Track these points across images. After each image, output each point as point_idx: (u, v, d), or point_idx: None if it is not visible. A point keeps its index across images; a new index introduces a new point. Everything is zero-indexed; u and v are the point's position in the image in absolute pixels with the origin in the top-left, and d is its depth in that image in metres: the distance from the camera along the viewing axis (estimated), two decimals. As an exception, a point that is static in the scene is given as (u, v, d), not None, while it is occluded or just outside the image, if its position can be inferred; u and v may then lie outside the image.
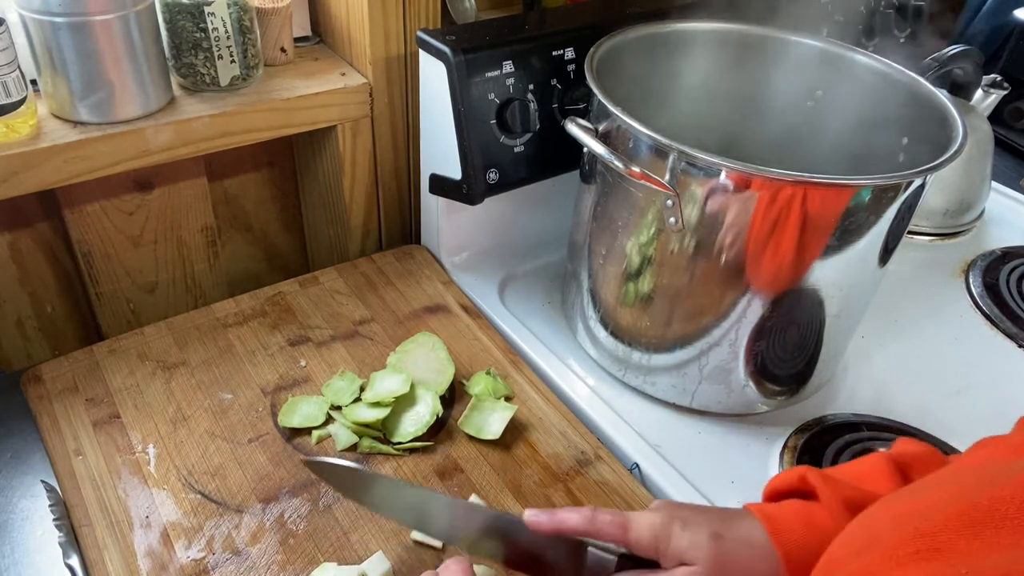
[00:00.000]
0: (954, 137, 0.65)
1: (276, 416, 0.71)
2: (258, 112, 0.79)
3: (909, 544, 0.32)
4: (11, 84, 0.66)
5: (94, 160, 0.72)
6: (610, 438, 0.72)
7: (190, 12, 0.74)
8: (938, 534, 0.31)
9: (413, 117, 0.90)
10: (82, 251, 0.84)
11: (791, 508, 0.51)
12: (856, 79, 0.77)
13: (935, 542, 0.31)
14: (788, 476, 0.53)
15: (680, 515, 0.50)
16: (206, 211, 0.92)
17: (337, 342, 0.80)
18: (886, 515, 0.37)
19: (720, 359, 0.71)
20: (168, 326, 0.79)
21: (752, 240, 0.63)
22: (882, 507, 0.38)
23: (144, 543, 0.60)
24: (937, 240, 1.04)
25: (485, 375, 0.76)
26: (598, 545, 0.52)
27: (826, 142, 0.80)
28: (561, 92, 0.81)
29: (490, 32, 0.78)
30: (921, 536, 0.32)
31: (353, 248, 0.97)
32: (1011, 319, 0.90)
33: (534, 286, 0.91)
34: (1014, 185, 1.18)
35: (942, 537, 0.31)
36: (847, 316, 0.73)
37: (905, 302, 0.92)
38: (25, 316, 0.87)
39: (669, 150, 0.62)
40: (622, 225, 0.70)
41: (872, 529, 0.37)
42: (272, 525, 0.62)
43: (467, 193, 0.80)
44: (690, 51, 0.81)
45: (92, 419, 0.69)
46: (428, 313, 0.84)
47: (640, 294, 0.71)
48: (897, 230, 0.67)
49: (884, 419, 0.75)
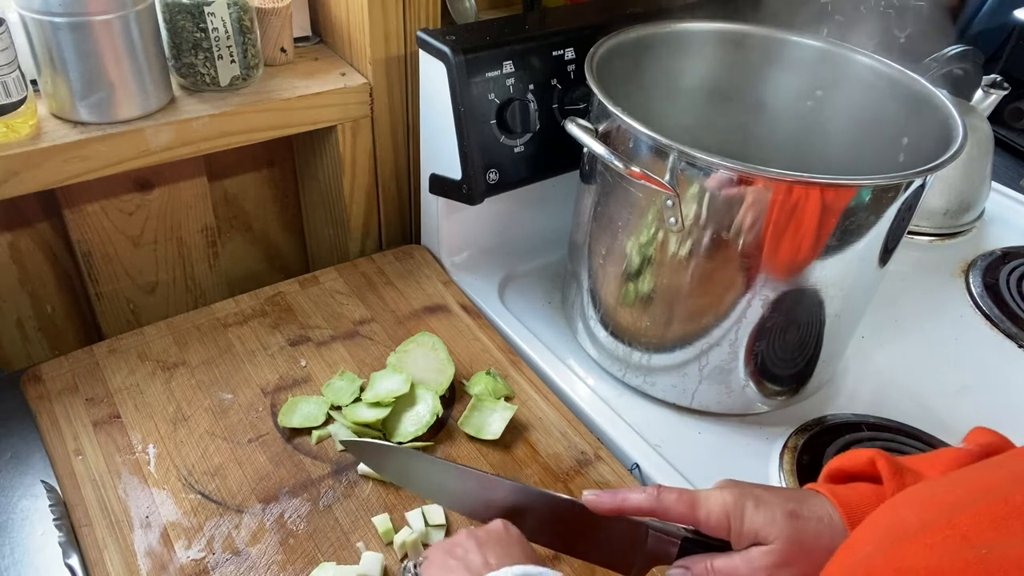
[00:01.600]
0: (954, 137, 0.65)
1: (276, 416, 0.71)
2: (258, 112, 0.79)
3: (938, 534, 0.32)
4: (11, 84, 0.66)
5: (94, 160, 0.72)
6: (610, 438, 0.72)
7: (190, 12, 0.74)
8: (968, 526, 0.31)
9: (413, 117, 0.90)
10: (82, 251, 0.84)
11: (863, 491, 0.49)
12: (856, 79, 0.77)
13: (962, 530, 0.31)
14: (855, 457, 0.51)
15: (752, 493, 0.48)
16: (206, 211, 0.92)
17: (337, 342, 0.79)
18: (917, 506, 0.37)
19: (720, 359, 0.71)
20: (168, 326, 0.79)
21: (752, 240, 0.63)
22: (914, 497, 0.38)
23: (144, 543, 0.60)
24: (937, 240, 1.04)
25: (485, 375, 0.76)
26: (658, 527, 0.50)
27: (826, 142, 0.80)
28: (561, 92, 0.81)
29: (490, 32, 0.78)
30: (953, 526, 0.32)
31: (353, 248, 0.97)
32: (1011, 319, 0.90)
33: (534, 286, 0.91)
34: (1014, 185, 1.18)
35: (971, 529, 0.31)
36: (847, 316, 0.73)
37: (905, 302, 0.92)
38: (25, 316, 0.87)
39: (669, 150, 0.61)
40: (622, 225, 0.70)
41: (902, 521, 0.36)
42: (272, 525, 0.62)
43: (467, 193, 0.80)
44: (690, 51, 0.81)
45: (92, 419, 0.69)
46: (428, 313, 0.84)
47: (640, 294, 0.71)
48: (897, 230, 0.67)
49: (884, 419, 0.75)
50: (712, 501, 0.48)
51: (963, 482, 0.37)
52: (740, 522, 0.47)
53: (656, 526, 0.50)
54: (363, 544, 0.61)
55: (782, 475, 0.69)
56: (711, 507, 0.48)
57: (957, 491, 0.36)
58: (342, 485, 0.66)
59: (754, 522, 0.47)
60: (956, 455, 0.48)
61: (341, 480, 0.66)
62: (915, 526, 0.34)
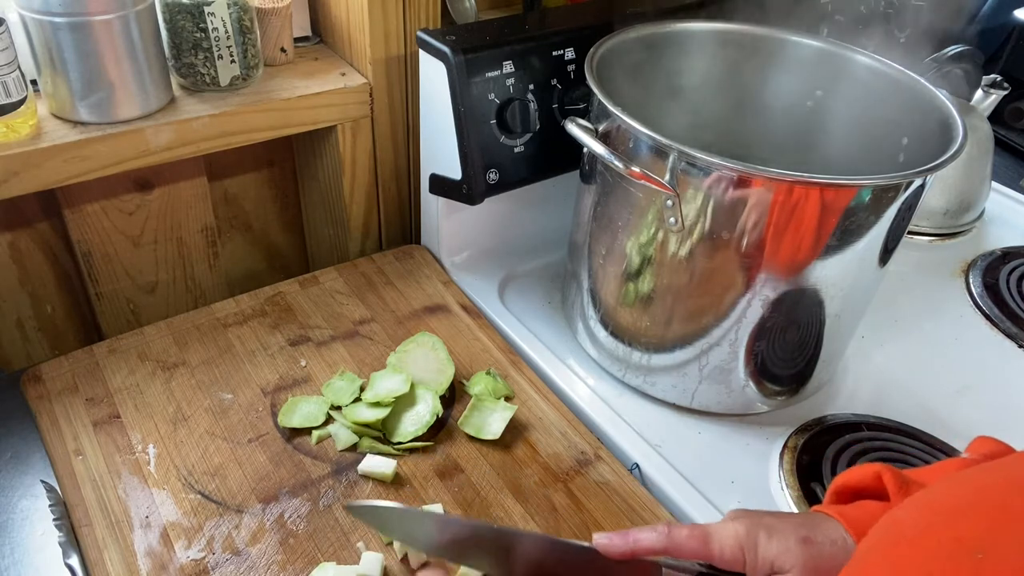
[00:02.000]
0: (954, 137, 0.65)
1: (276, 416, 0.71)
2: (258, 112, 0.79)
3: (934, 538, 0.32)
4: (11, 84, 0.66)
5: (94, 160, 0.72)
6: (610, 438, 0.72)
7: (190, 12, 0.74)
8: (965, 530, 0.31)
9: (413, 117, 0.90)
10: (82, 251, 0.84)
11: (871, 509, 0.48)
12: (856, 79, 0.77)
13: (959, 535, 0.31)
14: (862, 473, 0.50)
15: (763, 523, 0.48)
16: (206, 211, 0.92)
17: (337, 342, 0.80)
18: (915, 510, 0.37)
19: (720, 359, 0.71)
20: (168, 326, 0.79)
21: (752, 240, 0.63)
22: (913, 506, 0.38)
23: (144, 543, 0.60)
24: (937, 240, 1.04)
25: (485, 375, 0.76)
26: (672, 564, 0.49)
27: (826, 142, 0.80)
28: (561, 92, 0.81)
29: (490, 32, 0.78)
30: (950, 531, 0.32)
31: (353, 248, 0.97)
32: (1011, 319, 0.90)
33: (534, 286, 0.91)
34: (1014, 185, 1.18)
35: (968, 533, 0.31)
36: (847, 316, 0.73)
37: (905, 302, 0.92)
38: (25, 316, 0.87)
39: (669, 150, 0.62)
40: (622, 225, 0.70)
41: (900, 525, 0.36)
42: (272, 525, 0.62)
43: (467, 193, 0.80)
44: (690, 51, 0.81)
45: (92, 419, 0.69)
46: (428, 313, 0.84)
47: (640, 294, 0.71)
48: (897, 230, 0.67)
49: (884, 419, 0.75)
50: (725, 535, 0.48)
51: (961, 486, 0.37)
52: (754, 554, 0.47)
53: (670, 563, 0.49)
54: (363, 544, 0.61)
55: (782, 475, 0.69)
56: (724, 541, 0.48)
57: (955, 496, 0.36)
58: (342, 485, 0.66)
59: (768, 552, 0.47)
60: (960, 464, 0.48)
61: (341, 480, 0.66)
62: (913, 530, 0.34)
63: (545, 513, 0.65)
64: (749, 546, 0.47)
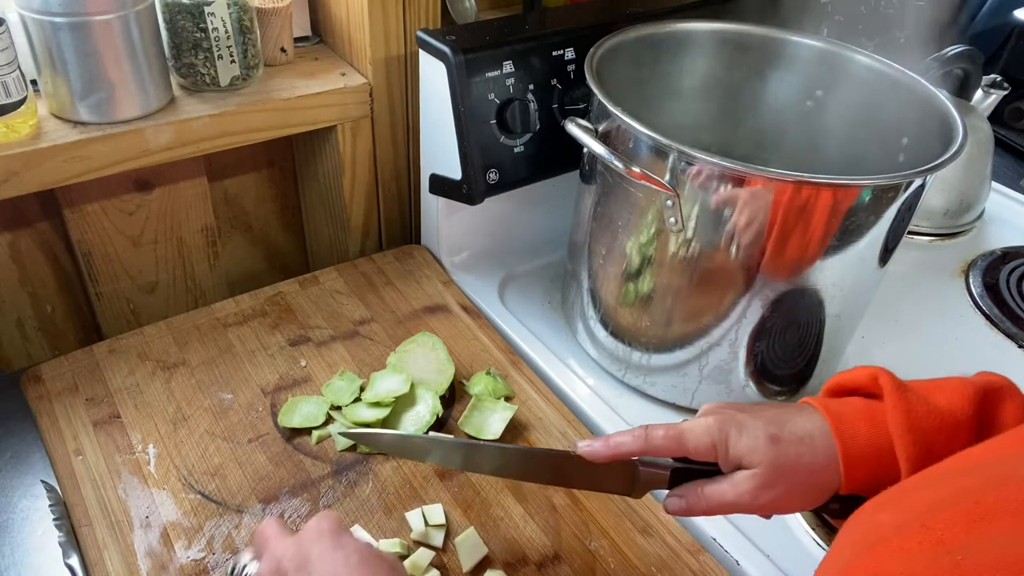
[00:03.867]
0: (954, 137, 0.65)
1: (276, 416, 0.71)
2: (258, 112, 0.79)
3: (913, 538, 0.32)
4: (11, 84, 0.66)
5: (94, 160, 0.72)
6: (610, 438, 0.72)
7: (190, 12, 0.74)
8: (942, 529, 0.31)
9: (413, 117, 0.90)
10: (82, 251, 0.84)
11: (855, 403, 0.50)
12: (856, 79, 0.77)
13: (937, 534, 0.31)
14: (858, 373, 0.52)
15: (736, 419, 0.50)
16: (206, 211, 0.92)
17: (337, 342, 0.80)
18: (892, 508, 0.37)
19: (720, 359, 0.71)
20: (168, 326, 0.79)
21: (752, 240, 0.63)
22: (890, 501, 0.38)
23: (144, 543, 0.60)
24: (937, 240, 1.04)
25: (485, 375, 0.76)
26: (648, 462, 0.53)
27: (826, 142, 0.80)
28: (561, 92, 0.81)
29: (490, 32, 0.78)
30: (927, 530, 0.32)
31: (353, 248, 0.97)
32: (1011, 319, 0.90)
33: (534, 286, 0.91)
34: (1014, 185, 1.18)
35: (946, 532, 0.31)
36: (847, 316, 0.73)
37: (905, 302, 0.92)
38: (25, 316, 0.87)
39: (669, 150, 0.62)
40: (622, 225, 0.70)
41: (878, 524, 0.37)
42: (272, 525, 0.62)
43: (467, 193, 0.80)
44: (690, 51, 0.81)
45: (92, 419, 0.69)
46: (428, 313, 0.84)
47: (640, 294, 0.71)
48: (897, 230, 0.67)
49: (884, 419, 0.75)
50: (698, 432, 0.51)
51: (938, 482, 0.37)
52: (725, 448, 0.50)
53: (646, 461, 0.53)
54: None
55: (782, 475, 0.69)
56: (698, 439, 0.51)
57: (932, 492, 0.36)
58: (342, 485, 0.66)
59: (738, 448, 0.49)
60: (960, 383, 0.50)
61: (341, 480, 0.66)
62: (890, 529, 0.35)
63: (545, 513, 0.65)
64: (720, 441, 0.50)
